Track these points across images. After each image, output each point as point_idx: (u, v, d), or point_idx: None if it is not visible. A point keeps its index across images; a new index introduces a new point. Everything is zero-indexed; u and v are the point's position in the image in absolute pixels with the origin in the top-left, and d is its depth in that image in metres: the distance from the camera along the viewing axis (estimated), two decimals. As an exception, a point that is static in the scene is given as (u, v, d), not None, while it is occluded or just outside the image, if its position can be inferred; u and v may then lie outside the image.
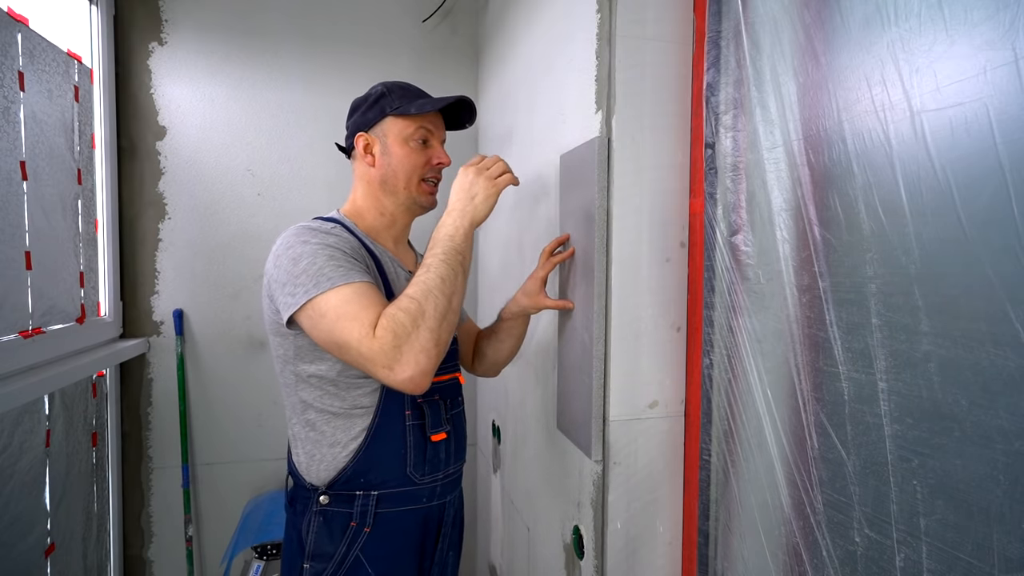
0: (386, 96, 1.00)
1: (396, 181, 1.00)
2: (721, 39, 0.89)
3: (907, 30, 0.58)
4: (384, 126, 0.99)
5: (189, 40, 1.71)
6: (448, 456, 1.01)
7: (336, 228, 0.92)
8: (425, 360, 0.78)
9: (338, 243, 0.88)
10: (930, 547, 0.56)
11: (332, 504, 0.93)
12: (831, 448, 0.68)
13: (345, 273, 0.83)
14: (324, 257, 0.84)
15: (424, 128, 0.99)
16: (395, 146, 0.99)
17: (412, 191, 1.00)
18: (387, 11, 1.87)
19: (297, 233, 0.89)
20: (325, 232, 0.89)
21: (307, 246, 0.86)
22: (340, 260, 0.84)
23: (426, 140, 1.00)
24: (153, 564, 1.73)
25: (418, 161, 1.00)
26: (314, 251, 0.85)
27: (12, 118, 1.20)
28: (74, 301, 1.45)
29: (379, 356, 0.76)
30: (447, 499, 1.03)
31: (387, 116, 0.99)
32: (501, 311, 1.16)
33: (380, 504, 0.93)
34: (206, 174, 1.74)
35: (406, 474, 0.95)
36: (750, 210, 0.83)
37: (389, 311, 0.79)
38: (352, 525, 0.92)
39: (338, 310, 0.80)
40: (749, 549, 0.83)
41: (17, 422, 1.20)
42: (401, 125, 0.99)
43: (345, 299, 0.80)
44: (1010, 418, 0.49)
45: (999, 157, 0.50)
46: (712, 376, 0.91)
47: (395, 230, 1.04)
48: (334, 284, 0.81)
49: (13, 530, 1.18)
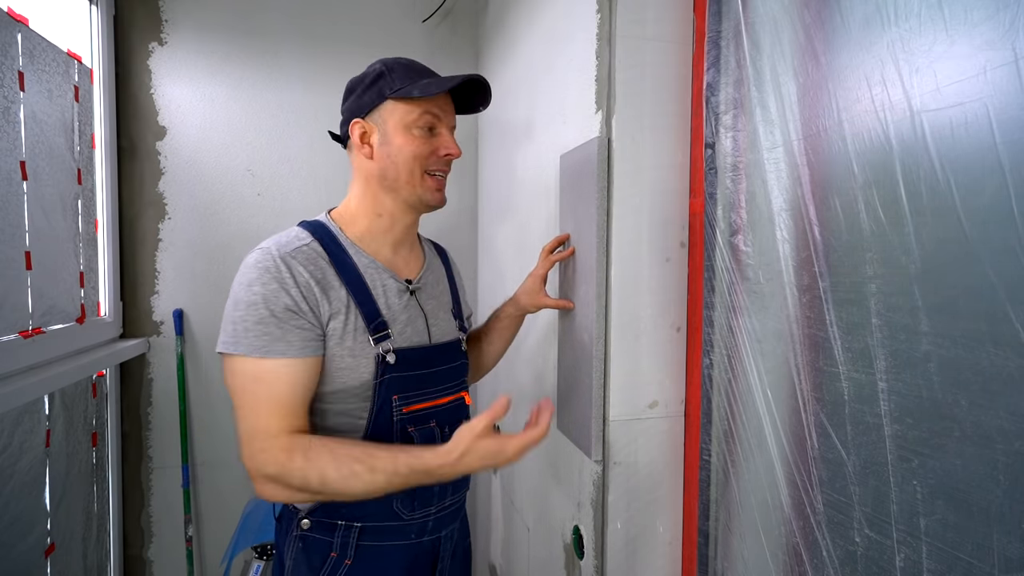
0: (385, 76, 0.87)
1: (397, 175, 0.87)
2: (721, 39, 0.89)
3: (907, 30, 0.58)
4: (383, 111, 0.86)
5: (189, 40, 1.71)
6: (443, 489, 0.90)
7: (303, 249, 0.82)
8: (283, 499, 0.78)
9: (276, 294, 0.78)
10: (930, 547, 0.56)
11: (313, 531, 0.85)
12: (831, 448, 0.68)
13: (266, 344, 0.76)
14: (255, 317, 0.77)
15: (430, 113, 0.87)
16: (396, 134, 0.86)
17: (416, 187, 0.88)
18: (387, 11, 1.87)
19: (249, 268, 0.80)
20: (275, 271, 0.79)
21: (248, 291, 0.78)
22: (269, 324, 0.77)
23: (432, 127, 0.88)
24: (153, 564, 1.73)
25: (422, 152, 0.87)
26: (249, 303, 0.77)
27: (12, 118, 1.20)
28: (74, 301, 1.45)
29: (253, 467, 0.76)
30: (442, 533, 0.92)
31: (387, 99, 0.86)
32: (497, 311, 1.14)
33: (363, 536, 0.85)
34: (206, 174, 1.74)
35: (392, 509, 0.85)
36: (750, 210, 0.83)
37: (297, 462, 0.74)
38: (332, 556, 0.84)
39: (245, 383, 0.77)
40: (749, 549, 0.83)
41: (17, 422, 1.20)
42: (403, 110, 0.86)
43: (255, 376, 0.77)
44: (1010, 418, 0.49)
45: (999, 157, 0.50)
46: (712, 376, 0.91)
47: (395, 233, 0.92)
48: (248, 353, 0.76)
49: (13, 530, 1.18)
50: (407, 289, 0.91)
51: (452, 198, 1.95)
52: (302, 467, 0.74)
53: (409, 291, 0.92)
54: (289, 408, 0.78)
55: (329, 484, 0.74)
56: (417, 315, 0.91)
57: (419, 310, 0.92)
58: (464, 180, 1.97)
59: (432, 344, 0.92)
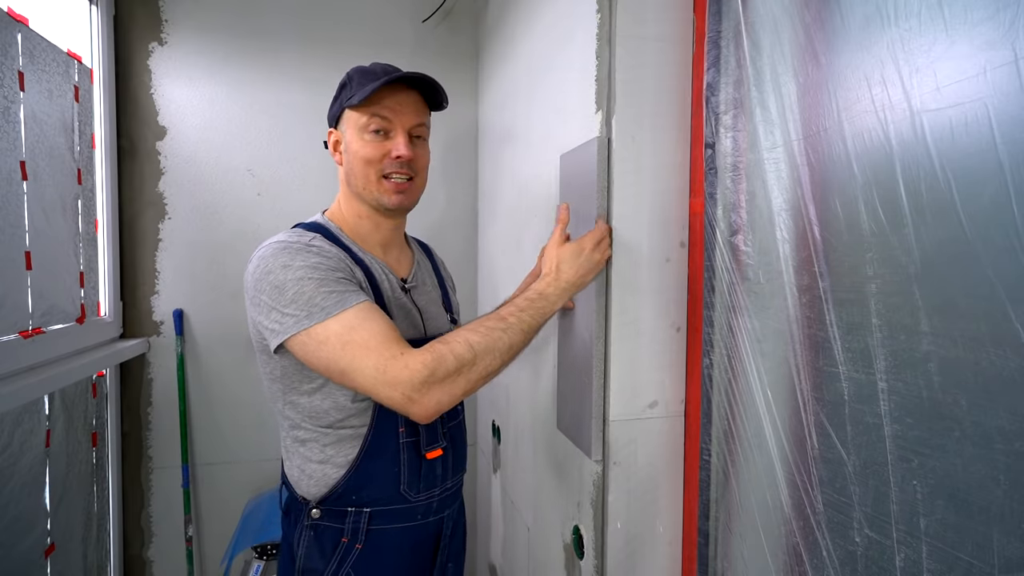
0: (347, 85, 0.92)
1: (356, 181, 0.91)
2: (721, 39, 0.89)
3: (907, 30, 0.58)
4: (345, 120, 0.92)
5: (189, 40, 1.71)
6: (445, 471, 0.96)
7: (316, 239, 0.86)
8: (448, 402, 0.76)
9: (320, 262, 0.81)
10: (930, 547, 0.56)
11: (323, 519, 0.89)
12: (831, 448, 0.68)
13: (339, 299, 0.77)
14: (312, 284, 0.77)
15: (379, 116, 0.89)
16: (352, 140, 0.90)
17: (372, 190, 0.91)
18: (387, 11, 1.87)
19: (275, 255, 0.82)
20: (305, 250, 0.82)
21: (289, 271, 0.79)
22: (330, 284, 0.78)
23: (386, 131, 0.90)
24: (153, 564, 1.73)
25: (373, 155, 0.89)
26: (299, 278, 0.78)
27: (12, 118, 1.20)
28: (74, 301, 1.45)
29: (404, 385, 0.73)
30: (444, 514, 0.99)
31: (344, 109, 0.91)
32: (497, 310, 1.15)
33: (373, 521, 0.89)
34: (206, 174, 1.74)
35: (399, 492, 0.90)
36: (750, 210, 0.83)
37: (439, 348, 0.75)
38: (343, 541, 0.89)
39: (343, 338, 0.75)
40: (749, 549, 0.83)
41: (17, 422, 1.20)
42: (355, 116, 0.90)
43: (348, 326, 0.76)
44: (1010, 418, 0.49)
45: (999, 157, 0.50)
46: (712, 376, 0.91)
47: (381, 235, 0.96)
48: (329, 314, 0.76)
49: (13, 530, 1.18)
50: (402, 287, 0.97)
51: (451, 198, 1.95)
52: (446, 350, 0.75)
53: (404, 289, 0.98)
54: (395, 336, 0.77)
55: (477, 347, 0.76)
56: (412, 310, 0.97)
57: (413, 305, 0.98)
58: (463, 180, 1.97)
59: (427, 336, 0.96)
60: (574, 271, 0.87)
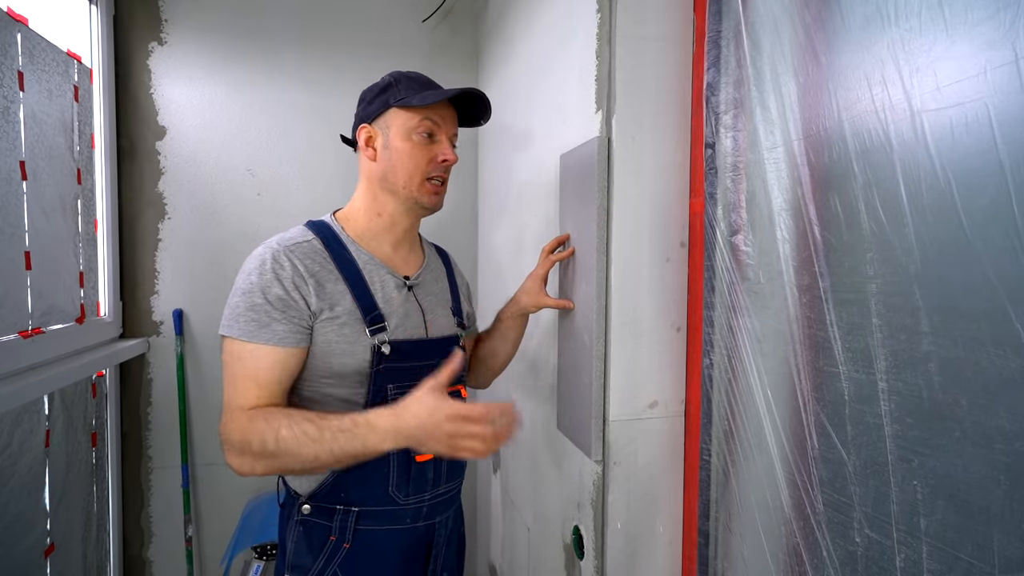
0: (392, 87, 0.94)
1: (396, 178, 0.93)
2: (721, 39, 0.89)
3: (907, 30, 0.58)
4: (388, 118, 0.93)
5: (189, 40, 1.71)
6: (437, 476, 0.95)
7: (303, 245, 0.88)
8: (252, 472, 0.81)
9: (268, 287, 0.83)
10: (930, 547, 0.56)
11: (313, 515, 0.90)
12: (831, 448, 0.68)
13: (253, 328, 0.83)
14: (245, 302, 0.84)
15: (429, 120, 0.93)
16: (397, 140, 0.93)
17: (413, 190, 0.94)
18: (387, 11, 1.87)
19: (254, 259, 0.87)
20: (270, 269, 0.85)
21: (247, 281, 0.85)
22: (257, 311, 0.83)
23: (431, 134, 0.94)
24: (153, 564, 1.73)
25: (421, 157, 0.93)
26: (244, 291, 0.84)
27: (12, 118, 1.20)
28: (74, 301, 1.45)
29: (223, 438, 0.83)
30: (436, 520, 0.97)
31: (391, 108, 0.93)
32: (499, 312, 1.16)
33: (360, 520, 0.90)
34: (206, 174, 1.74)
35: (388, 493, 0.90)
36: (750, 210, 0.83)
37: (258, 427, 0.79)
38: (331, 539, 0.89)
39: (230, 361, 0.85)
40: (749, 549, 0.83)
41: (17, 422, 1.20)
42: (404, 117, 0.93)
43: (238, 355, 0.84)
44: (1010, 418, 0.49)
45: (999, 157, 0.50)
46: (712, 376, 0.91)
47: (395, 233, 0.98)
48: (235, 334, 0.83)
49: (13, 530, 1.18)
50: (405, 285, 0.97)
51: (452, 198, 1.95)
52: (261, 429, 0.79)
53: (407, 287, 0.97)
54: (264, 387, 0.84)
55: (282, 444, 0.77)
56: (415, 310, 0.96)
57: (416, 305, 0.97)
58: (464, 180, 1.97)
59: (429, 338, 0.96)
60: (413, 416, 0.75)
